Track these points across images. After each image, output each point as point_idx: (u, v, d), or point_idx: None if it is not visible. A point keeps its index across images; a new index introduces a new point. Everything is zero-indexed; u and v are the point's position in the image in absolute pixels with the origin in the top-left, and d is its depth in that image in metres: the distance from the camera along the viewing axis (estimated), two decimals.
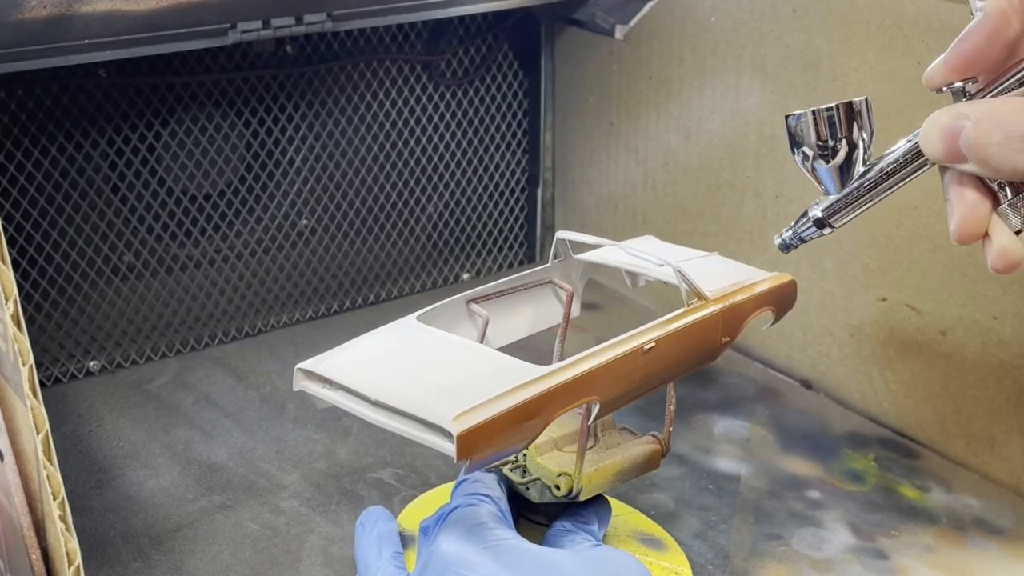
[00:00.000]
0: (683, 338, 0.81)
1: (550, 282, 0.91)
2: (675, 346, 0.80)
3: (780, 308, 0.91)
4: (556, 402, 0.71)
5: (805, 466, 1.04)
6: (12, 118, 1.12)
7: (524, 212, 1.49)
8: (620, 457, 0.85)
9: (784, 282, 0.92)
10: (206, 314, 1.28)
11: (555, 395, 0.71)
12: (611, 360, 0.75)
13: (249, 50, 1.22)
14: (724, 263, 0.94)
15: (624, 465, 0.85)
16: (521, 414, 0.69)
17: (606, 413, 0.78)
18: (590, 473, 0.82)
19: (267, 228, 1.31)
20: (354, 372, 0.73)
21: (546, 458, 0.83)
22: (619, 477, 0.85)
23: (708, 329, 0.83)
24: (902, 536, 0.94)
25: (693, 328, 0.82)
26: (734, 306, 0.86)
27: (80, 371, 1.21)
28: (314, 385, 0.74)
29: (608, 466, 0.84)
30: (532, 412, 0.70)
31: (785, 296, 0.92)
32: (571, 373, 0.72)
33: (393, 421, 0.69)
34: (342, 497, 1.00)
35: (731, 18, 1.15)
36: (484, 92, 1.41)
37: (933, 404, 1.05)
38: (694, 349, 0.83)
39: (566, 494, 0.82)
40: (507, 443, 0.69)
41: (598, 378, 0.74)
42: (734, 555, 0.91)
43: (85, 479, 1.02)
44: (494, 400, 0.68)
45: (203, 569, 0.90)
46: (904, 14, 0.99)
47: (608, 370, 0.75)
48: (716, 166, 1.21)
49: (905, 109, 1.01)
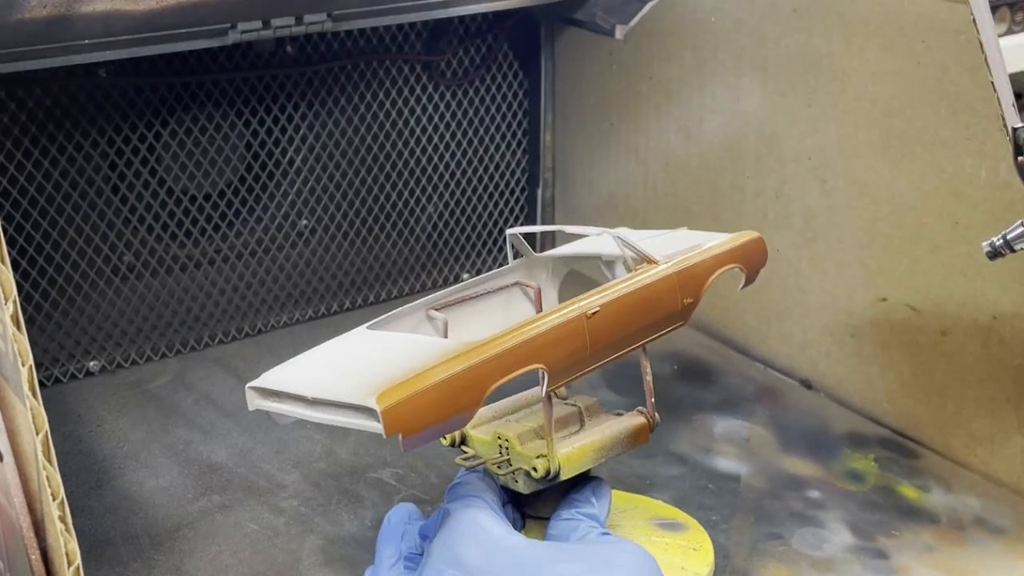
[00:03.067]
0: (634, 301, 0.81)
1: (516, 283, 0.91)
2: (626, 310, 0.80)
3: (749, 265, 0.90)
4: (492, 371, 0.71)
5: (805, 466, 1.04)
6: (12, 118, 1.12)
7: (524, 212, 1.49)
8: (599, 435, 0.84)
9: (748, 239, 0.90)
10: (206, 314, 1.28)
11: (490, 364, 0.71)
12: (552, 327, 0.75)
13: (249, 50, 1.22)
14: (690, 235, 0.93)
15: (605, 441, 0.84)
16: (452, 385, 0.68)
17: (560, 382, 0.77)
18: (569, 452, 0.81)
19: (267, 228, 1.31)
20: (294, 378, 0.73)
21: (527, 447, 0.82)
22: (601, 453, 0.84)
23: (662, 291, 0.83)
24: (902, 536, 0.94)
25: (644, 291, 0.81)
26: (690, 267, 0.85)
27: (80, 371, 1.21)
28: (267, 401, 0.74)
29: (588, 444, 0.83)
30: (466, 383, 0.69)
31: (752, 252, 0.91)
32: (506, 342, 0.72)
33: (330, 415, 0.69)
34: (342, 497, 1.00)
35: (731, 18, 1.15)
36: (484, 92, 1.41)
37: (933, 404, 1.05)
38: (650, 312, 0.82)
39: (544, 475, 0.81)
40: (443, 415, 0.69)
41: (539, 346, 0.74)
42: (734, 555, 0.91)
43: (85, 479, 1.02)
44: (421, 375, 0.68)
45: (203, 569, 0.90)
46: (904, 14, 0.99)
47: (550, 337, 0.74)
48: (716, 166, 1.21)
49: (905, 109, 1.01)
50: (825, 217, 1.11)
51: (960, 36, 0.94)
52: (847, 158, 1.07)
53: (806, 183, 1.12)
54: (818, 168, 1.10)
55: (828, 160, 1.09)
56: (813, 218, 1.12)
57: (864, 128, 1.05)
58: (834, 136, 1.08)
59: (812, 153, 1.10)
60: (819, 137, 1.09)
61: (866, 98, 1.04)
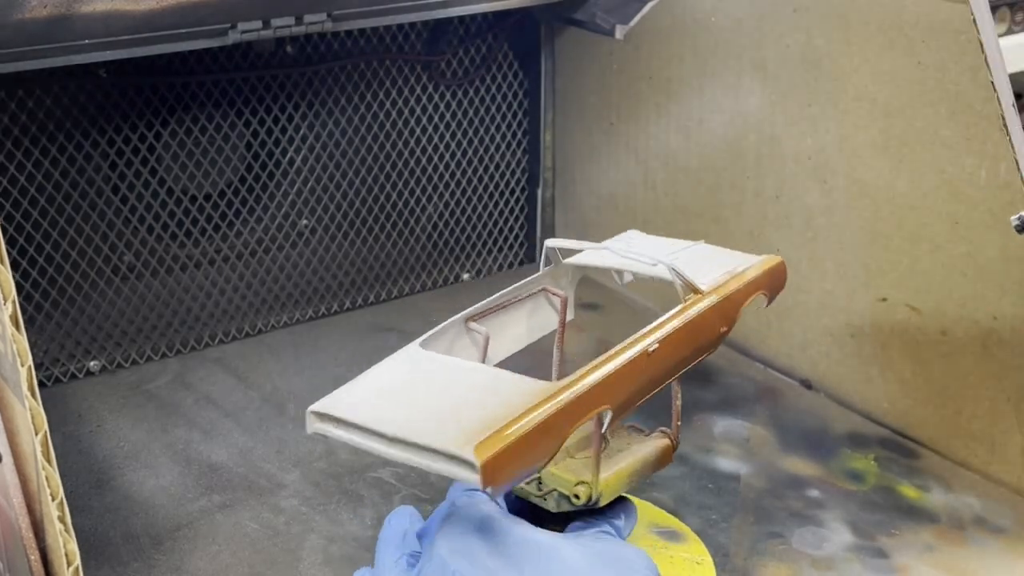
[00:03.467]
0: (684, 334, 0.81)
1: (543, 290, 0.90)
2: (677, 343, 0.81)
3: (772, 290, 0.92)
4: (570, 417, 0.71)
5: (805, 465, 1.04)
6: (12, 118, 1.12)
7: (524, 212, 1.49)
8: (633, 458, 0.84)
9: (774, 264, 0.92)
10: (206, 314, 1.28)
11: (569, 410, 0.70)
12: (619, 368, 0.75)
13: (249, 50, 1.22)
14: (712, 251, 0.93)
15: (637, 466, 0.84)
16: (539, 433, 0.68)
17: (618, 420, 0.77)
18: (607, 478, 0.81)
19: (267, 228, 1.31)
20: (366, 409, 0.71)
21: (560, 467, 0.82)
22: (634, 478, 0.84)
23: (707, 322, 0.84)
24: (902, 535, 0.94)
25: (693, 323, 0.82)
26: (729, 296, 0.86)
27: (80, 371, 1.21)
28: (327, 426, 0.72)
29: (624, 469, 0.83)
30: (549, 430, 0.69)
31: (776, 278, 0.92)
32: (582, 386, 0.72)
33: (414, 456, 0.68)
34: (342, 496, 1.00)
35: (731, 18, 1.15)
36: (484, 92, 1.41)
37: (933, 404, 1.05)
38: (695, 343, 0.83)
39: (586, 502, 0.81)
40: (528, 463, 0.69)
41: (608, 387, 0.73)
42: (734, 554, 0.91)
43: (85, 479, 1.02)
44: (511, 423, 0.67)
45: (203, 569, 0.90)
46: (904, 14, 0.99)
47: (617, 377, 0.74)
48: (716, 166, 1.21)
49: (905, 109, 1.01)
50: (825, 217, 1.11)
51: (960, 36, 0.94)
52: (847, 158, 1.07)
53: (806, 183, 1.12)
54: (818, 168, 1.10)
55: (828, 160, 1.09)
56: (813, 218, 1.12)
57: (864, 128, 1.05)
58: (834, 136, 1.08)
59: (812, 153, 1.10)
60: (819, 137, 1.09)
61: (866, 98, 1.04)
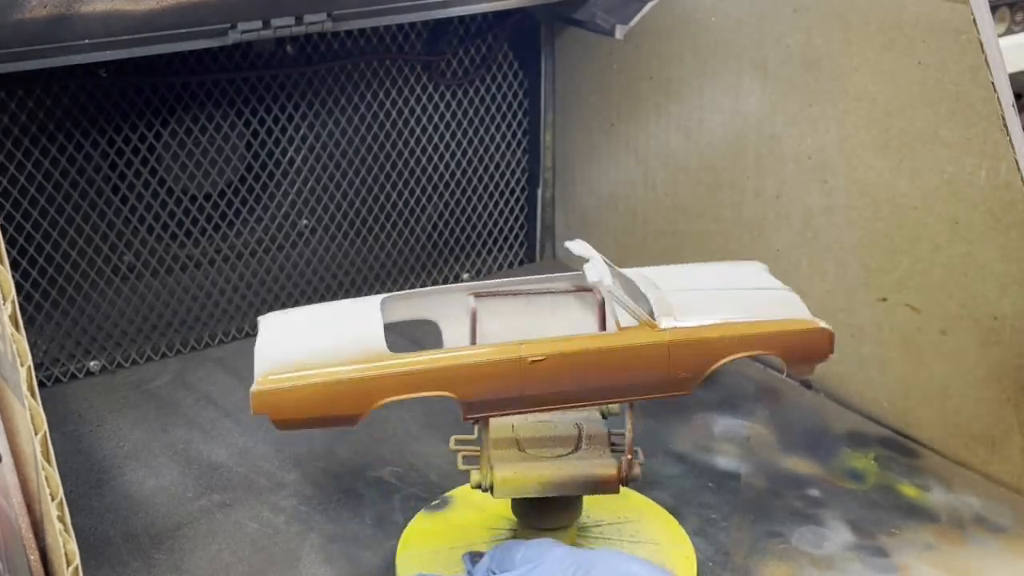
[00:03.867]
0: (595, 360, 0.77)
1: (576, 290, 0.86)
2: (584, 367, 0.77)
3: (792, 356, 0.81)
4: (392, 386, 0.75)
5: (805, 465, 1.04)
6: (12, 118, 1.12)
7: (524, 212, 1.49)
8: (553, 468, 0.82)
9: (805, 328, 0.80)
10: (206, 314, 1.28)
11: (391, 379, 0.75)
12: (474, 363, 0.76)
13: (249, 50, 1.22)
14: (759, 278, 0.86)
15: (554, 478, 0.81)
16: (336, 389, 0.73)
17: (480, 413, 0.78)
18: (509, 475, 0.81)
19: (267, 228, 1.31)
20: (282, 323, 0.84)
21: (497, 453, 0.83)
22: (548, 488, 0.81)
23: (647, 357, 0.78)
24: (902, 534, 0.94)
25: (613, 353, 0.78)
26: (693, 341, 0.79)
27: (80, 371, 1.21)
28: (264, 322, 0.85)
29: (533, 475, 0.81)
30: (352, 391, 0.74)
31: (802, 344, 0.80)
32: (417, 364, 0.74)
33: None
34: (342, 496, 1.00)
35: (731, 18, 1.15)
36: (484, 92, 1.41)
37: (933, 404, 1.05)
38: (625, 376, 0.79)
39: (476, 485, 0.82)
40: (319, 413, 0.74)
41: (455, 376, 0.75)
42: (735, 553, 0.91)
43: (85, 479, 1.02)
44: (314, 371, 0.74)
45: (203, 568, 0.90)
46: (904, 14, 0.99)
47: (471, 371, 0.75)
48: (716, 166, 1.21)
49: (905, 109, 1.01)
50: (825, 217, 1.11)
51: (960, 36, 0.94)
52: (847, 158, 1.07)
53: (806, 183, 1.12)
54: (818, 168, 1.10)
55: (828, 160, 1.09)
56: (813, 218, 1.12)
57: (864, 128, 1.05)
58: (834, 136, 1.08)
59: (812, 153, 1.10)
60: (819, 137, 1.09)
61: (866, 98, 1.04)
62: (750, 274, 0.89)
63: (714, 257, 1.23)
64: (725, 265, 0.92)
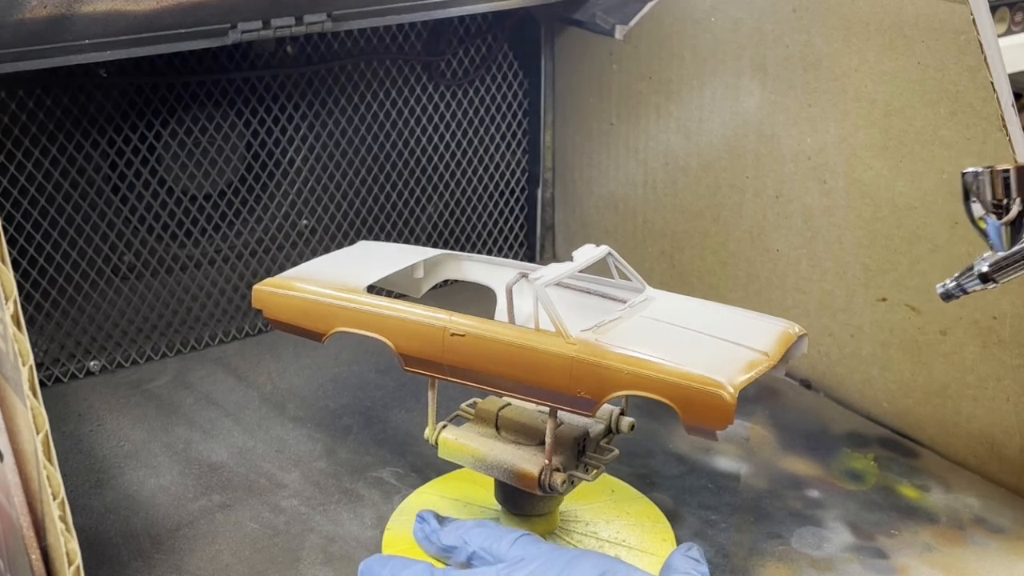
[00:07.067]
0: (505, 351, 0.82)
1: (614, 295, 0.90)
2: (497, 355, 0.82)
3: (687, 411, 0.76)
4: (346, 317, 0.89)
5: (805, 465, 1.04)
6: (12, 118, 1.12)
7: (524, 212, 1.49)
8: (491, 450, 0.87)
9: (705, 390, 0.75)
10: (206, 314, 1.28)
11: (341, 311, 0.89)
12: (402, 317, 0.86)
13: (249, 50, 1.22)
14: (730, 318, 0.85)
15: (487, 457, 0.87)
16: (303, 306, 0.91)
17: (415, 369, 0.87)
18: (452, 440, 0.89)
19: (267, 228, 1.31)
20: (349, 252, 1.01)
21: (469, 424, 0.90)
22: (479, 464, 0.88)
23: (548, 364, 0.80)
24: (902, 535, 0.94)
25: (522, 350, 0.81)
26: (592, 364, 0.78)
27: (80, 371, 1.21)
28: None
29: (473, 447, 0.88)
30: (316, 311, 0.90)
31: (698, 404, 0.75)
32: (363, 305, 0.88)
33: None
34: (342, 496, 1.00)
35: (731, 18, 1.15)
36: (484, 92, 1.41)
37: (933, 404, 1.05)
38: (532, 377, 0.81)
39: (426, 439, 0.91)
40: (293, 321, 0.92)
41: (388, 324, 0.87)
42: (734, 554, 0.91)
43: (85, 479, 1.02)
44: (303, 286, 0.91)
45: (203, 568, 0.90)
46: (904, 14, 0.99)
47: (403, 324, 0.86)
48: (716, 166, 1.21)
49: (905, 109, 1.01)
50: (825, 217, 1.11)
51: (960, 36, 0.94)
52: (847, 158, 1.07)
53: (806, 183, 1.12)
54: (818, 168, 1.10)
55: (828, 160, 1.09)
56: (813, 218, 1.12)
57: (864, 128, 1.05)
58: (834, 136, 1.08)
59: (812, 153, 1.10)
60: (819, 137, 1.09)
61: (866, 98, 1.04)
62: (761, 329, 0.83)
63: (714, 257, 1.23)
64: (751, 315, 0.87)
